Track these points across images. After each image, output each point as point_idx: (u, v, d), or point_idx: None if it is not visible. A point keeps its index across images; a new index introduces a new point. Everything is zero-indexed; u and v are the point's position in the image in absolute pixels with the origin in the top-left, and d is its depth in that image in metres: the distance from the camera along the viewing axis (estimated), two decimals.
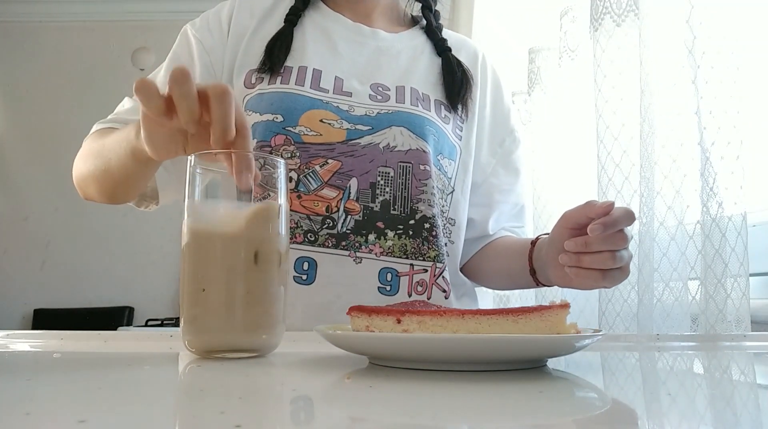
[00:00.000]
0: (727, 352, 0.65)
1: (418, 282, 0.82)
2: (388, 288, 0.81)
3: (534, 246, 0.82)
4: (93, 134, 0.84)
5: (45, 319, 3.04)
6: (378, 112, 0.85)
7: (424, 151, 0.84)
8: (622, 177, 0.97)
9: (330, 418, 0.32)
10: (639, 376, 0.50)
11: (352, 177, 0.81)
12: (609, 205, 0.63)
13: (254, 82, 0.85)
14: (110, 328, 2.35)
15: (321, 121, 0.82)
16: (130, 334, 0.84)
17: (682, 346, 0.70)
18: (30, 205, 3.21)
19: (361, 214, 0.81)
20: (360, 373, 0.44)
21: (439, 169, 0.87)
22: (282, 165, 0.53)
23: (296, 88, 0.83)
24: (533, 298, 1.29)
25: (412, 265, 0.82)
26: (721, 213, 0.85)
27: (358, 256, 0.80)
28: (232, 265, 0.50)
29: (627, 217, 0.63)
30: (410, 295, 0.82)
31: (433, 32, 0.97)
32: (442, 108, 0.90)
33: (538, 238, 0.82)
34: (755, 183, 0.89)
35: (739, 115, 0.85)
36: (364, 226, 0.81)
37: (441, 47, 0.95)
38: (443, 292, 0.85)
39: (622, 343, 0.70)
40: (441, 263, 0.84)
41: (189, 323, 0.50)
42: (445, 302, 0.85)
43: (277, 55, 0.85)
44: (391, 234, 0.82)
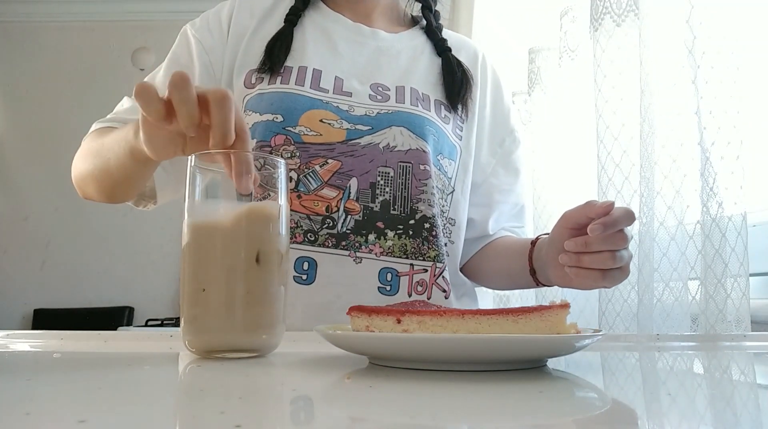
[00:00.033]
0: (727, 352, 0.65)
1: (418, 282, 0.82)
2: (388, 288, 0.81)
3: (534, 246, 0.82)
4: (92, 133, 0.84)
5: (45, 319, 3.04)
6: (378, 112, 0.85)
7: (423, 151, 0.84)
8: (622, 177, 0.97)
9: (330, 418, 0.32)
10: (639, 376, 0.50)
11: (352, 177, 0.81)
12: (609, 205, 0.63)
13: (254, 82, 0.85)
14: (110, 328, 2.35)
15: (321, 121, 0.82)
16: (130, 334, 0.84)
17: (682, 346, 0.70)
18: (30, 205, 3.21)
19: (361, 214, 0.81)
20: (360, 373, 0.44)
21: (439, 169, 0.86)
22: (282, 165, 0.53)
23: (296, 88, 0.83)
24: (533, 298, 1.29)
25: (412, 265, 0.82)
26: (721, 213, 0.85)
27: (358, 256, 0.80)
28: (233, 265, 0.50)
29: (627, 217, 0.63)
30: (410, 295, 0.82)
31: (433, 32, 0.97)
32: (442, 108, 0.90)
33: (538, 238, 0.82)
34: (755, 183, 0.89)
35: (739, 115, 0.85)
36: (364, 226, 0.81)
37: (441, 47, 0.95)
38: (443, 292, 0.85)
39: (622, 343, 0.70)
40: (441, 263, 0.84)
41: (189, 323, 0.50)
42: (445, 302, 0.85)
43: (277, 55, 0.85)
44: (391, 234, 0.82)
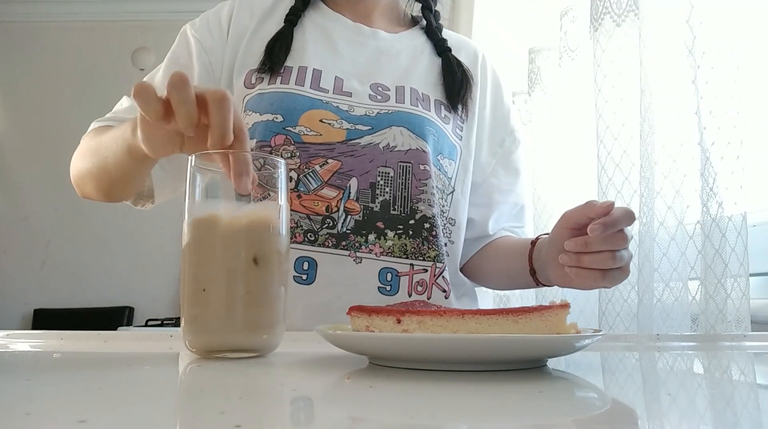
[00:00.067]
0: (727, 352, 0.65)
1: (418, 282, 0.82)
2: (388, 288, 0.81)
3: (534, 246, 0.82)
4: (90, 132, 0.84)
5: (45, 319, 3.04)
6: (378, 112, 0.85)
7: (423, 151, 0.84)
8: (622, 177, 0.97)
9: (330, 418, 0.32)
10: (639, 376, 0.50)
11: (352, 177, 0.81)
12: (609, 205, 0.63)
13: (254, 82, 0.85)
14: (110, 328, 2.35)
15: (321, 121, 0.82)
16: (130, 334, 0.84)
17: (682, 346, 0.70)
18: (30, 205, 3.21)
19: (361, 214, 0.81)
20: (360, 373, 0.44)
21: (438, 169, 0.86)
22: (282, 165, 0.53)
23: (296, 88, 0.83)
24: (533, 298, 1.29)
25: (412, 265, 0.82)
26: (721, 213, 0.85)
27: (358, 256, 0.80)
28: (233, 265, 0.50)
29: (627, 217, 0.63)
30: (410, 295, 0.82)
31: (433, 32, 0.97)
32: (442, 108, 0.90)
33: (538, 238, 0.82)
34: (755, 183, 0.89)
35: (739, 115, 0.85)
36: (364, 226, 0.81)
37: (441, 47, 0.95)
38: (443, 292, 0.85)
39: (622, 343, 0.70)
40: (441, 263, 0.84)
41: (189, 323, 0.50)
42: (445, 302, 0.85)
43: (277, 55, 0.85)
44: (391, 234, 0.82)
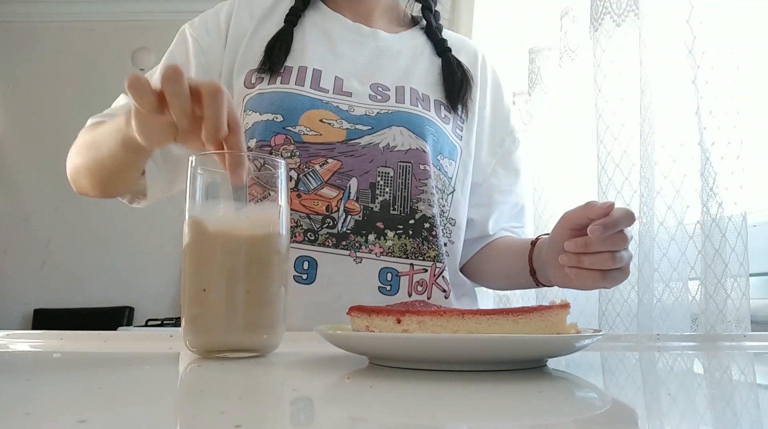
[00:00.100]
0: (727, 352, 0.65)
1: (418, 282, 0.82)
2: (388, 288, 0.81)
3: (534, 246, 0.82)
4: (86, 127, 0.84)
5: (45, 319, 3.04)
6: (378, 112, 0.85)
7: (423, 151, 0.84)
8: (622, 177, 0.97)
9: (330, 418, 0.32)
10: (639, 376, 0.50)
11: (352, 177, 0.81)
12: (609, 205, 0.63)
13: (254, 82, 0.85)
14: (110, 328, 2.35)
15: (321, 120, 0.82)
16: (130, 334, 0.84)
17: (682, 346, 0.70)
18: (30, 205, 3.21)
19: (361, 214, 0.81)
20: (360, 373, 0.44)
21: (438, 169, 0.86)
22: (282, 166, 0.53)
23: (296, 88, 0.83)
24: (534, 298, 1.29)
25: (412, 264, 0.82)
26: (721, 213, 0.85)
27: (359, 256, 0.80)
28: (233, 266, 0.50)
29: (627, 217, 0.63)
30: (410, 295, 0.82)
31: (433, 33, 0.97)
32: (441, 108, 0.90)
33: (538, 239, 0.82)
34: (755, 183, 0.89)
35: (739, 115, 0.85)
36: (364, 227, 0.81)
37: (441, 48, 0.95)
38: (443, 291, 0.85)
39: (622, 343, 0.70)
40: (441, 263, 0.85)
41: (190, 323, 0.50)
42: (445, 302, 0.85)
43: (277, 55, 0.85)
44: (390, 234, 0.82)
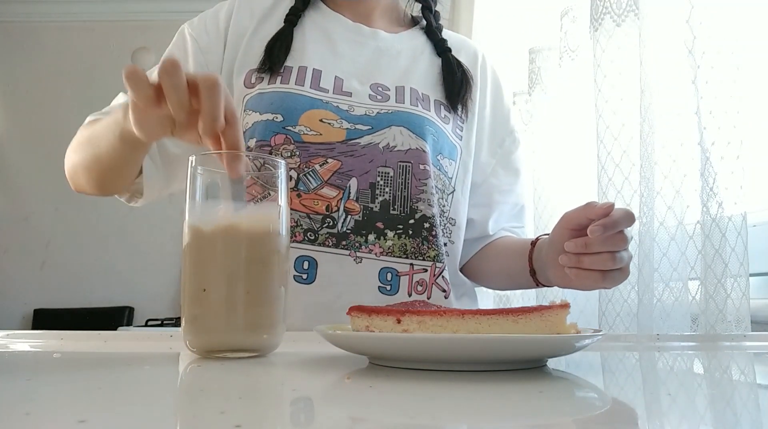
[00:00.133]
0: (727, 352, 0.65)
1: (417, 281, 0.82)
2: (388, 288, 0.81)
3: (534, 246, 0.82)
4: (84, 125, 0.84)
5: (45, 319, 3.04)
6: (378, 112, 0.85)
7: (423, 151, 0.84)
8: (622, 177, 0.97)
9: (330, 418, 0.32)
10: (639, 376, 0.50)
11: (352, 177, 0.81)
12: (609, 206, 0.63)
13: (254, 82, 0.85)
14: (110, 328, 2.35)
15: (321, 120, 0.82)
16: (130, 334, 0.84)
17: (682, 346, 0.70)
18: (30, 205, 3.21)
19: (361, 214, 0.81)
20: (360, 373, 0.44)
21: (438, 169, 0.87)
22: (282, 166, 0.53)
23: (296, 87, 0.83)
24: (534, 299, 1.29)
25: (412, 264, 0.82)
26: (721, 213, 0.85)
27: (359, 256, 0.80)
28: (233, 266, 0.50)
29: (627, 218, 0.63)
30: (410, 295, 0.82)
31: (433, 33, 0.97)
32: (441, 108, 0.90)
33: (538, 239, 0.82)
34: (755, 183, 0.89)
35: (739, 115, 0.85)
36: (364, 227, 0.81)
37: (441, 48, 0.95)
38: (443, 291, 0.85)
39: (622, 343, 0.70)
40: (441, 263, 0.85)
41: (190, 323, 0.50)
42: (445, 302, 0.85)
43: (277, 55, 0.85)
44: (390, 234, 0.82)
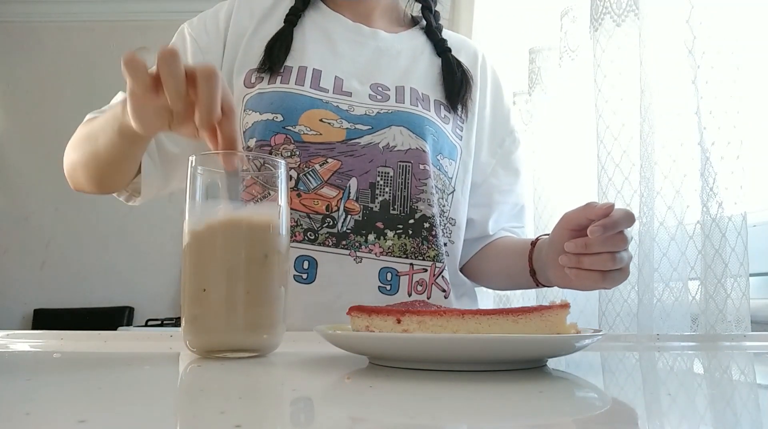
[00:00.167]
0: (727, 352, 0.65)
1: (417, 281, 0.82)
2: (388, 287, 0.81)
3: (534, 247, 0.82)
4: (83, 123, 0.84)
5: (45, 319, 3.04)
6: (378, 112, 0.85)
7: (423, 151, 0.84)
8: (622, 177, 0.97)
9: (330, 418, 0.32)
10: (639, 376, 0.50)
11: (352, 177, 0.81)
12: (609, 206, 0.63)
13: (254, 82, 0.85)
14: (110, 328, 2.35)
15: (321, 120, 0.82)
16: (130, 334, 0.84)
17: (682, 346, 0.70)
18: (30, 205, 3.21)
19: (361, 214, 0.81)
20: (360, 373, 0.44)
21: (438, 169, 0.87)
22: (282, 166, 0.53)
23: (296, 87, 0.83)
24: (534, 299, 1.29)
25: (411, 264, 0.82)
26: (721, 213, 0.85)
27: (359, 256, 0.80)
28: (233, 266, 0.50)
29: (627, 218, 0.63)
30: (410, 295, 0.82)
31: (433, 33, 0.97)
32: (441, 108, 0.90)
33: (538, 239, 0.82)
34: (755, 183, 0.89)
35: (739, 115, 0.85)
36: (364, 226, 0.81)
37: (441, 48, 0.95)
38: (443, 291, 0.85)
39: (622, 343, 0.70)
40: (440, 263, 0.85)
41: (190, 323, 0.50)
42: (445, 302, 0.85)
43: (277, 55, 0.85)
44: (390, 234, 0.82)
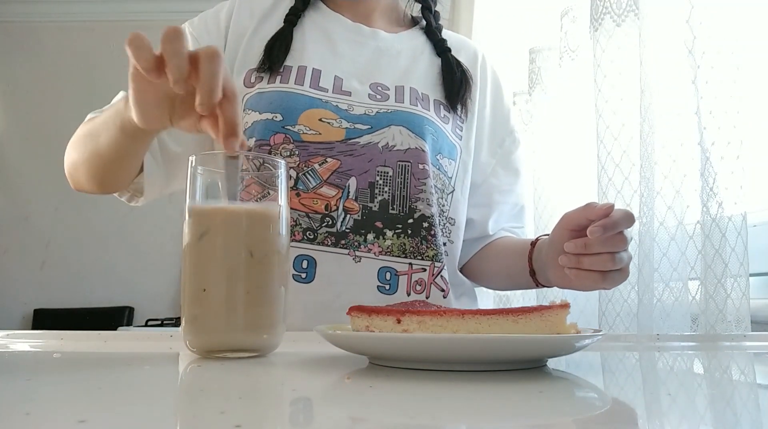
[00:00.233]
0: (727, 352, 0.65)
1: (416, 281, 0.82)
2: (387, 287, 0.81)
3: (534, 247, 0.82)
4: (84, 122, 0.84)
5: (45, 319, 3.04)
6: (377, 112, 0.85)
7: (422, 151, 0.84)
8: (622, 177, 0.97)
9: (330, 418, 0.32)
10: (639, 376, 0.50)
11: (351, 176, 0.81)
12: (609, 207, 0.63)
13: (254, 82, 0.85)
14: (110, 328, 2.35)
15: (320, 120, 0.82)
16: (130, 334, 0.84)
17: (682, 346, 0.70)
18: (30, 205, 3.20)
19: (360, 213, 0.81)
20: (360, 373, 0.44)
21: (438, 169, 0.87)
22: (282, 166, 0.53)
23: (296, 87, 0.83)
24: (534, 299, 1.29)
25: (410, 264, 0.82)
26: (721, 213, 0.85)
27: (358, 255, 0.80)
28: (233, 266, 0.50)
29: (627, 219, 0.63)
30: (409, 295, 0.82)
31: (433, 33, 0.97)
32: (441, 108, 0.90)
33: (538, 239, 0.82)
34: (755, 183, 0.89)
35: (739, 115, 0.85)
36: (363, 226, 0.81)
37: (441, 48, 0.95)
38: (442, 291, 0.85)
39: (622, 343, 0.70)
40: (439, 262, 0.85)
41: (190, 323, 0.50)
42: (444, 301, 0.85)
43: (277, 55, 0.85)
44: (389, 233, 0.82)
